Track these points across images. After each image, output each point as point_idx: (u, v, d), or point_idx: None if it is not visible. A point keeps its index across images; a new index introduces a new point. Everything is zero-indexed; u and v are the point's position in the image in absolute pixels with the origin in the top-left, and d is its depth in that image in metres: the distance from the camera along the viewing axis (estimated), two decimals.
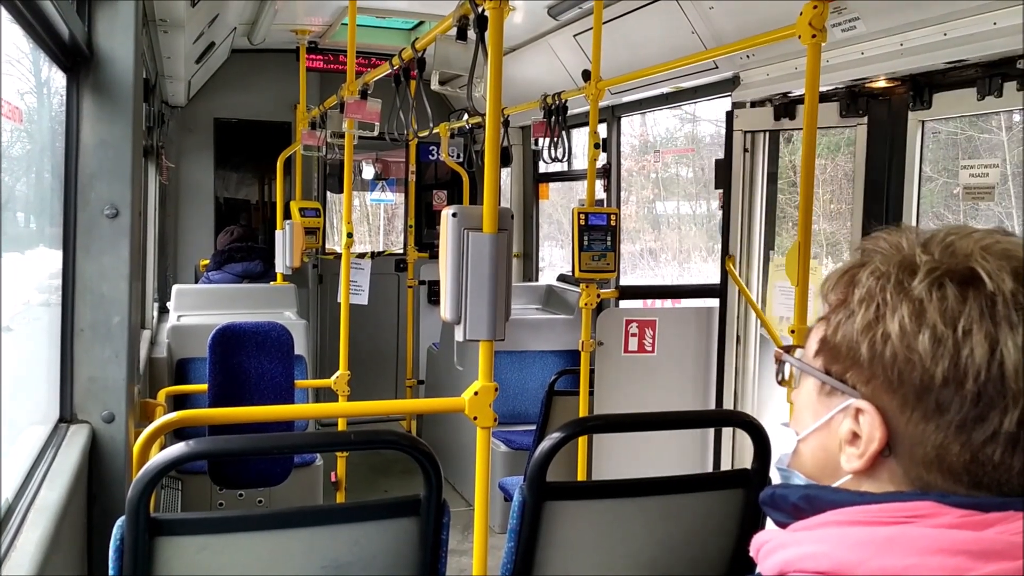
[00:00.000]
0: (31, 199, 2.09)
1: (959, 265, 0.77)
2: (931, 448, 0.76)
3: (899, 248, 0.82)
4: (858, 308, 0.80)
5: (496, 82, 2.28)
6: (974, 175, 2.88)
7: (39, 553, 1.43)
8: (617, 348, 3.74)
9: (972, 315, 0.74)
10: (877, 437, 0.79)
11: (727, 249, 3.95)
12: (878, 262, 0.81)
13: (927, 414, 0.76)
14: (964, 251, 0.78)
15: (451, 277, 2.27)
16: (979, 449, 0.75)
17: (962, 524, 0.73)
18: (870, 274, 0.81)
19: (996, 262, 0.76)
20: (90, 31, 1.93)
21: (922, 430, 0.77)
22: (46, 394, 1.98)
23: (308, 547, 1.65)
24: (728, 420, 2.64)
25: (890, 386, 0.78)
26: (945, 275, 0.76)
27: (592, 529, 1.90)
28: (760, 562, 0.83)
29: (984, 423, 0.74)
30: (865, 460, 0.80)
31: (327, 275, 6.76)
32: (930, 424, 0.76)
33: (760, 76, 3.76)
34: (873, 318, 0.79)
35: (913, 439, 0.77)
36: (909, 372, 0.76)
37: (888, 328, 0.77)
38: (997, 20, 2.63)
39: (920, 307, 0.76)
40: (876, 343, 0.78)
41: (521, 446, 4.68)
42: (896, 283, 0.78)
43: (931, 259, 0.78)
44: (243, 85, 6.50)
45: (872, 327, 0.79)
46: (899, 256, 0.80)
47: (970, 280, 0.76)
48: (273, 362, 3.49)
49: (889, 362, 0.77)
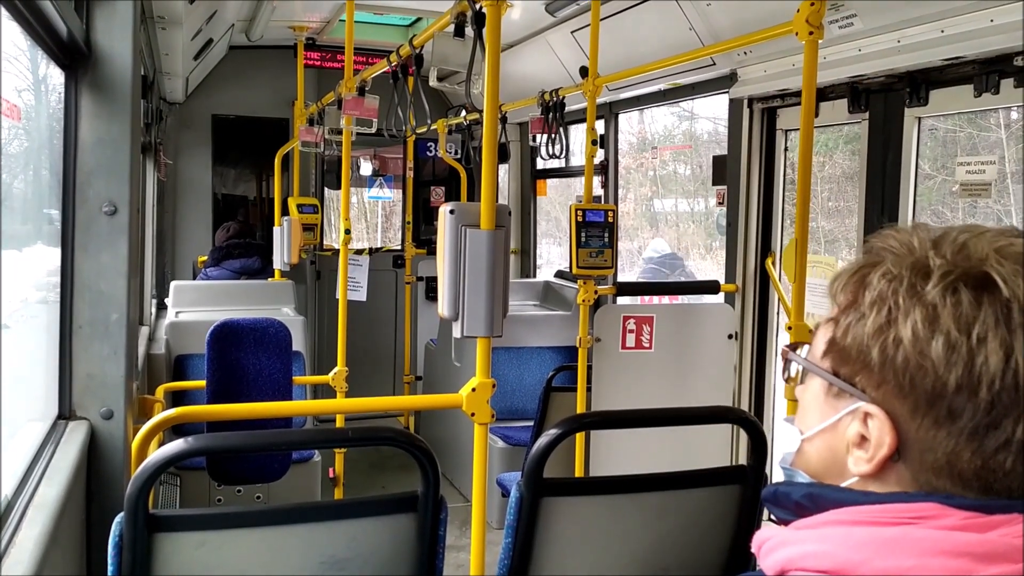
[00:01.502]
0: (28, 196, 2.09)
1: (973, 269, 0.75)
2: (941, 454, 0.76)
3: (911, 248, 0.80)
4: (869, 311, 0.79)
5: (494, 79, 2.28)
6: (971, 172, 2.89)
7: (38, 550, 1.44)
8: (615, 344, 3.75)
9: (987, 322, 0.73)
10: (887, 442, 0.78)
11: (768, 247, 3.96)
12: (890, 263, 0.79)
13: (938, 420, 0.75)
14: (978, 254, 0.76)
15: (449, 274, 2.27)
16: (991, 456, 0.74)
17: (966, 526, 0.73)
18: (881, 276, 0.79)
19: (1011, 266, 0.75)
20: (88, 29, 1.93)
21: (932, 436, 0.76)
22: (44, 391, 1.99)
23: (306, 543, 1.66)
24: (725, 417, 2.65)
25: (901, 391, 0.76)
26: (959, 279, 0.75)
27: (589, 525, 1.91)
28: (761, 559, 0.83)
29: (997, 431, 0.73)
30: (874, 465, 0.79)
31: (325, 271, 6.76)
32: (941, 430, 0.75)
33: (757, 73, 3.76)
34: (885, 322, 0.77)
35: (923, 445, 0.76)
36: (921, 378, 0.75)
37: (900, 333, 0.76)
38: (994, 17, 2.63)
39: (934, 312, 0.74)
40: (888, 348, 0.77)
41: (519, 442, 4.68)
42: (909, 286, 0.77)
43: (945, 262, 0.76)
44: (241, 82, 6.50)
45: (884, 331, 0.77)
46: (912, 258, 0.79)
47: (985, 285, 0.74)
48: (271, 358, 3.49)
49: (901, 367, 0.76)
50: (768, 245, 3.98)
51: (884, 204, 3.22)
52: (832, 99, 3.43)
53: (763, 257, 3.98)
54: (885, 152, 3.21)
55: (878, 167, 3.25)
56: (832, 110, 3.46)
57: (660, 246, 6.59)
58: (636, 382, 3.77)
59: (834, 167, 5.37)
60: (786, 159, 3.96)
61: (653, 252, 6.53)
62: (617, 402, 3.70)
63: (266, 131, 6.69)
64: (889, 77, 3.13)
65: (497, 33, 2.29)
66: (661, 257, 6.45)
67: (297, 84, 5.86)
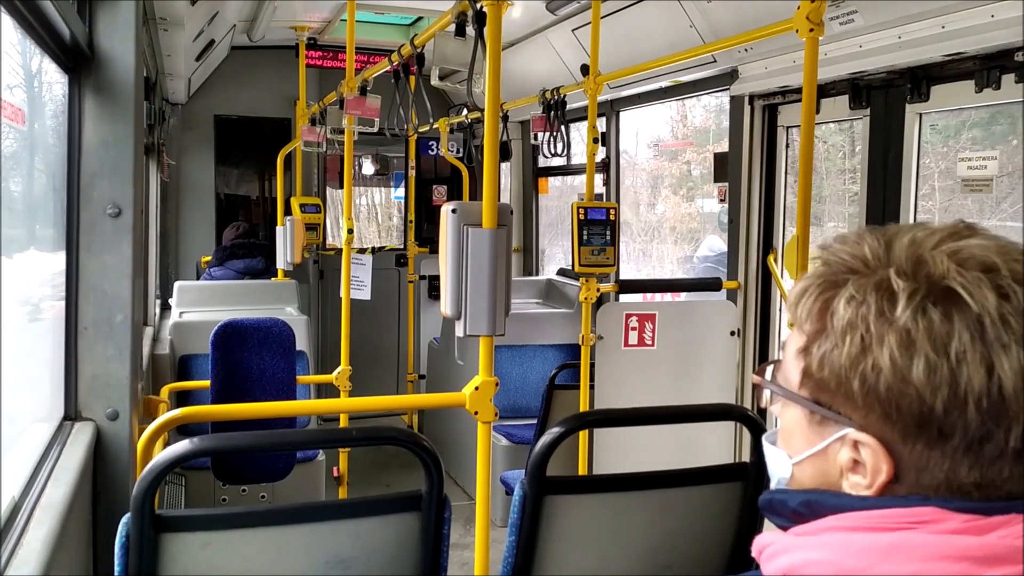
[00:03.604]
0: (31, 199, 2.10)
1: (936, 286, 0.75)
2: (939, 472, 0.76)
3: (865, 262, 0.79)
4: (841, 340, 0.78)
5: (495, 77, 2.28)
6: (972, 167, 2.89)
7: (45, 551, 1.45)
8: (617, 342, 3.76)
9: (963, 339, 0.73)
10: (884, 469, 0.77)
11: (770, 245, 3.96)
12: (852, 288, 0.78)
13: (930, 442, 0.75)
14: (939, 270, 0.76)
15: (451, 273, 2.28)
16: (988, 467, 0.74)
17: (965, 529, 0.73)
18: (847, 302, 0.78)
19: (972, 275, 0.75)
20: (91, 31, 1.94)
21: (927, 457, 0.76)
22: (50, 391, 2.00)
23: (311, 542, 1.67)
24: (727, 414, 2.65)
25: (888, 418, 0.76)
26: (926, 299, 0.75)
27: (593, 523, 1.91)
28: (763, 564, 0.83)
29: (990, 443, 0.73)
30: (874, 490, 0.78)
31: (328, 271, 6.77)
32: (935, 451, 0.75)
33: (758, 70, 3.76)
34: (859, 350, 0.76)
35: (919, 466, 0.76)
36: (907, 404, 0.74)
37: (878, 361, 0.75)
38: (995, 13, 2.63)
39: (908, 337, 0.74)
40: (867, 376, 0.76)
41: (522, 440, 4.69)
42: (878, 312, 0.76)
43: (908, 282, 0.76)
44: (243, 82, 6.51)
45: (860, 359, 0.76)
46: (873, 278, 0.78)
47: (951, 300, 0.74)
48: (275, 358, 3.50)
49: (884, 395, 0.75)
50: (770, 242, 3.98)
51: (886, 201, 3.23)
52: (833, 95, 3.43)
53: (765, 254, 3.98)
54: (887, 148, 3.21)
55: (879, 164, 3.25)
56: (833, 106, 3.46)
57: (715, 244, 6.31)
58: (639, 380, 3.77)
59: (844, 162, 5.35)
60: (788, 156, 3.97)
61: (708, 251, 6.30)
62: (620, 400, 3.71)
63: (268, 131, 6.71)
64: (890, 73, 3.13)
65: (498, 32, 2.30)
66: (717, 256, 6.24)
67: (299, 84, 5.87)
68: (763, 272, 4.01)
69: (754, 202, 3.98)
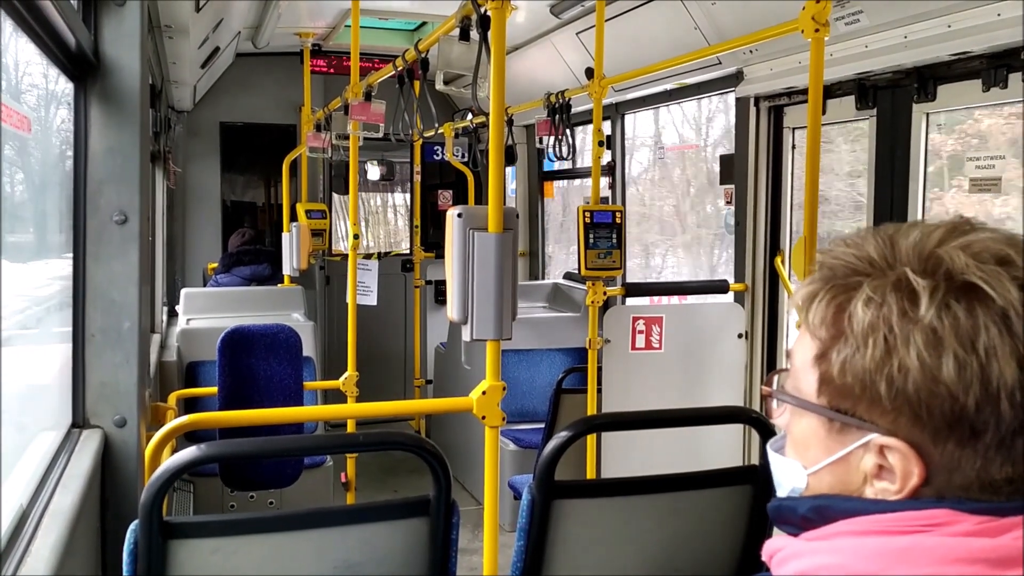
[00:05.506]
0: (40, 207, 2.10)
1: (957, 281, 0.74)
2: (971, 471, 0.74)
3: (872, 262, 0.78)
4: (863, 344, 0.76)
5: (499, 81, 2.28)
6: (980, 167, 2.88)
7: (54, 558, 1.45)
8: (624, 345, 3.75)
9: (991, 334, 0.72)
10: (915, 472, 0.75)
11: (777, 246, 3.95)
12: (868, 289, 0.77)
13: (962, 441, 0.74)
14: (956, 265, 0.75)
15: (457, 277, 2.28)
16: (1021, 461, 0.73)
17: (979, 531, 0.72)
18: (865, 304, 0.76)
19: (991, 268, 0.74)
20: (96, 39, 1.94)
21: (958, 457, 0.74)
22: (58, 399, 2.00)
23: (319, 548, 1.66)
24: (735, 417, 2.64)
25: (918, 420, 0.74)
26: (948, 295, 0.73)
27: (601, 527, 1.91)
28: (774, 569, 0.82)
29: (1022, 436, 0.72)
30: (905, 495, 0.77)
31: (334, 276, 6.78)
32: (966, 450, 0.74)
33: (763, 71, 3.76)
34: (884, 353, 0.74)
35: (950, 466, 0.75)
36: (938, 404, 0.73)
37: (905, 362, 0.73)
38: (1001, 11, 2.62)
39: (935, 335, 0.73)
40: (895, 378, 0.74)
41: (530, 444, 4.68)
42: (900, 312, 0.74)
43: (928, 280, 0.74)
44: (248, 89, 6.53)
45: (886, 361, 0.74)
46: (890, 278, 0.76)
47: (974, 295, 0.73)
48: (282, 364, 3.51)
49: (914, 397, 0.73)
50: (777, 244, 3.97)
51: (893, 201, 3.21)
52: (839, 96, 3.42)
53: (772, 256, 3.97)
54: (893, 148, 3.20)
55: (886, 163, 3.24)
56: (839, 107, 3.45)
57: None
58: (646, 383, 3.76)
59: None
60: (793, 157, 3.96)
61: None
62: (627, 403, 3.70)
63: (273, 137, 6.72)
64: (896, 73, 3.12)
65: (502, 36, 2.30)
66: None
67: (304, 90, 5.88)
68: (771, 274, 3.99)
69: (760, 204, 3.97)
